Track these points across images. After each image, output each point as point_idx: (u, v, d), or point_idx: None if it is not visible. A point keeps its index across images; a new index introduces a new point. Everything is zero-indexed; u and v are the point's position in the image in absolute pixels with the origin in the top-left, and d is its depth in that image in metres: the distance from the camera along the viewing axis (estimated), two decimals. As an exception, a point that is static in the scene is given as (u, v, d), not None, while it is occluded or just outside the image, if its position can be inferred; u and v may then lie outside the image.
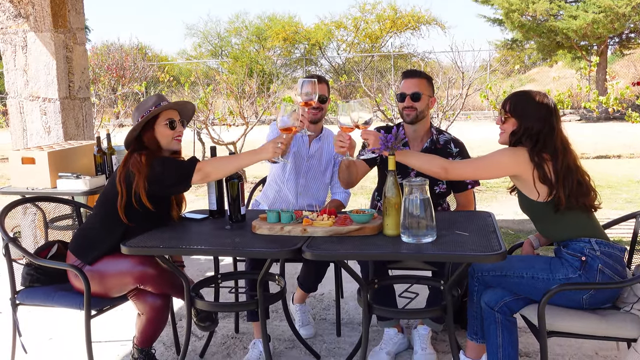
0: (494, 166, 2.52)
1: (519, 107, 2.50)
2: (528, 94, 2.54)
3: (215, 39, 32.12)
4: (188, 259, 4.84)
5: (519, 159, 2.44)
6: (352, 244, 2.32)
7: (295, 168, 3.39)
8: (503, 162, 2.50)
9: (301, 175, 3.40)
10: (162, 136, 2.75)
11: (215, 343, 3.29)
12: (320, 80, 3.27)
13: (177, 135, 2.79)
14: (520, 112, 2.49)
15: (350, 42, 29.34)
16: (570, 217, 2.45)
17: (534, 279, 2.42)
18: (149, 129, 2.74)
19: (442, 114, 9.03)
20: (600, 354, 3.02)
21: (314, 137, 3.43)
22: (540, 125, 2.44)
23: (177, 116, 2.81)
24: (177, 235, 2.58)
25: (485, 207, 6.64)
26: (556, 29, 19.13)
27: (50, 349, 3.30)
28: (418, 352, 2.98)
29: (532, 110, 2.47)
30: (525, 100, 2.51)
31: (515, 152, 2.47)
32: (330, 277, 3.49)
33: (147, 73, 21.51)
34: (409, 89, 3.07)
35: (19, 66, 4.73)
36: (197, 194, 8.40)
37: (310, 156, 3.42)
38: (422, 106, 3.07)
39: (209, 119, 10.09)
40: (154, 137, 2.74)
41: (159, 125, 2.75)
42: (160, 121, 2.75)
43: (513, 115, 2.51)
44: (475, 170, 2.65)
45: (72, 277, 2.76)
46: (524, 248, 2.84)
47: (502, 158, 2.50)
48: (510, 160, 2.48)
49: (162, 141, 2.76)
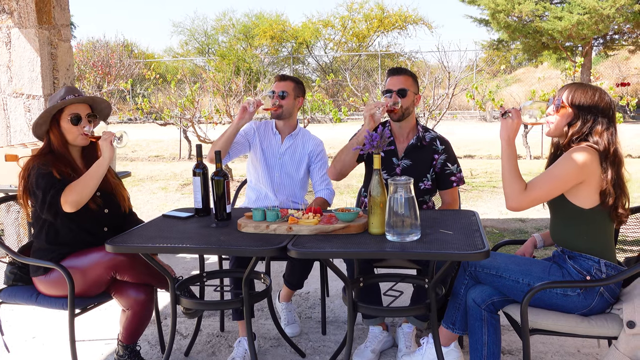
0: (566, 178, 2.30)
1: (580, 99, 2.37)
2: (586, 86, 2.41)
3: (202, 37, 32.02)
4: (173, 258, 4.83)
5: (592, 165, 2.30)
6: (338, 243, 2.33)
7: (267, 164, 3.47)
8: (574, 172, 2.29)
9: (275, 171, 3.47)
10: (66, 132, 2.72)
11: (201, 342, 3.28)
12: (283, 77, 3.53)
13: (82, 131, 2.73)
14: (580, 104, 2.36)
15: (338, 41, 29.39)
16: (596, 228, 2.38)
17: (529, 286, 2.39)
18: (54, 124, 2.71)
19: (429, 113, 9.08)
20: (582, 351, 3.05)
21: (287, 133, 3.49)
22: (601, 121, 2.34)
23: (85, 110, 2.76)
24: (163, 234, 2.57)
25: (470, 206, 6.69)
26: (541, 29, 19.29)
27: (33, 348, 3.27)
28: (402, 349, 3.00)
29: (593, 102, 2.36)
30: (584, 93, 2.38)
31: (585, 157, 2.29)
32: (315, 275, 3.50)
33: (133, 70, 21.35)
34: (395, 85, 3.09)
35: (3, 62, 4.68)
36: (182, 192, 8.36)
37: (283, 153, 3.48)
38: (408, 102, 3.10)
39: (196, 117, 10.05)
40: (59, 132, 2.71)
41: (63, 120, 2.71)
42: (65, 116, 2.70)
43: (572, 105, 2.38)
44: (549, 187, 2.33)
45: (38, 284, 2.74)
46: (525, 246, 2.81)
47: (573, 168, 2.29)
48: (582, 167, 2.29)
49: (68, 137, 2.73)
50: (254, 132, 3.50)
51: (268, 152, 3.48)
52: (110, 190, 2.83)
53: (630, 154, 10.85)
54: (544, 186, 2.33)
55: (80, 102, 2.75)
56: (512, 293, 2.47)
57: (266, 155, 3.47)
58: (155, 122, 12.16)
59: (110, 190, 2.84)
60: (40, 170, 2.62)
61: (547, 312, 2.39)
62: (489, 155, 11.85)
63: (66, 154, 2.74)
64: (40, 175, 2.61)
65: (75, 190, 2.59)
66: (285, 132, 3.50)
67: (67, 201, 2.57)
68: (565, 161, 2.32)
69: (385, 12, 28.47)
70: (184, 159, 12.32)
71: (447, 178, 3.15)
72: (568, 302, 2.38)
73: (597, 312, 2.40)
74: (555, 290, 2.38)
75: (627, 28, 19.81)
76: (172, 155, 12.94)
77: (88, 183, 2.62)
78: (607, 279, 2.34)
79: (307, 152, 3.50)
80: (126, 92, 21.47)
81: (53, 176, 2.61)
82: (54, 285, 2.68)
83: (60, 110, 2.70)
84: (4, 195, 3.14)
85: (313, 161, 3.50)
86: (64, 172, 2.65)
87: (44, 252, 2.69)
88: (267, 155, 3.47)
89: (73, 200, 2.57)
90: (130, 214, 2.95)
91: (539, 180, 2.35)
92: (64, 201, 2.57)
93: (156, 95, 15.74)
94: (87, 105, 2.78)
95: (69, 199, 2.57)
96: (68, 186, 2.60)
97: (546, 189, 2.33)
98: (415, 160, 3.15)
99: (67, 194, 2.58)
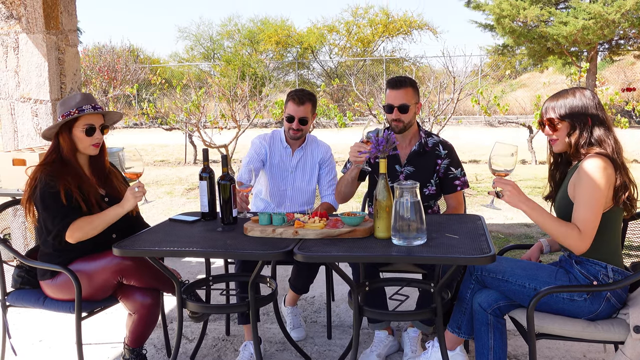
0: (600, 196, 2.29)
1: (564, 108, 2.40)
2: (563, 94, 2.43)
3: (208, 42, 32.11)
4: (178, 262, 4.84)
5: (610, 171, 2.30)
6: (343, 247, 2.34)
7: (279, 180, 3.46)
8: (604, 186, 2.29)
9: (287, 187, 3.47)
10: (78, 140, 2.73)
11: (206, 345, 3.29)
12: (301, 100, 3.32)
13: (94, 142, 2.75)
14: (566, 113, 2.39)
15: (343, 46, 29.41)
16: (603, 233, 2.36)
17: (536, 291, 2.38)
18: (66, 130, 2.71)
19: (434, 118, 9.08)
20: (588, 356, 3.05)
21: (297, 146, 3.48)
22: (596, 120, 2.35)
23: (99, 121, 2.76)
24: (169, 238, 2.58)
25: (475, 210, 6.68)
26: (547, 34, 19.26)
27: (40, 351, 3.29)
28: (408, 354, 2.99)
29: (579, 105, 2.37)
30: (565, 99, 2.41)
31: (602, 167, 2.29)
32: (321, 279, 3.50)
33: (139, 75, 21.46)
34: (396, 100, 3.08)
35: (11, 67, 4.71)
36: (188, 196, 8.39)
37: (294, 167, 3.46)
38: (410, 117, 3.11)
39: (201, 121, 10.09)
40: (70, 138, 2.71)
41: (76, 129, 2.71)
42: (79, 125, 2.70)
43: (562, 118, 2.40)
44: (595, 213, 2.30)
45: (45, 287, 2.76)
46: (532, 250, 2.81)
47: (601, 184, 2.28)
48: (607, 178, 2.29)
49: (79, 145, 2.73)
50: (265, 151, 3.45)
51: (279, 168, 3.45)
52: (118, 196, 2.84)
53: (637, 159, 10.80)
54: (592, 217, 2.29)
55: (95, 114, 2.74)
56: (518, 298, 2.47)
57: (277, 170, 3.45)
58: (160, 126, 12.19)
59: (118, 195, 2.84)
60: (47, 187, 2.62)
61: (553, 317, 2.39)
62: (494, 160, 11.80)
63: (74, 162, 2.74)
64: (47, 194, 2.62)
65: (84, 230, 2.62)
66: (295, 145, 3.48)
67: (72, 236, 2.62)
68: (590, 182, 2.29)
69: (390, 18, 28.49)
70: (190, 164, 12.35)
71: (451, 182, 3.16)
72: (575, 307, 2.38)
73: (604, 317, 2.39)
74: (562, 295, 2.37)
75: (632, 33, 19.75)
76: (178, 160, 12.97)
77: (97, 227, 2.64)
78: (614, 284, 2.34)
79: (317, 161, 3.49)
80: (132, 97, 21.57)
81: (59, 200, 2.61)
82: (61, 289, 2.70)
83: (74, 119, 2.70)
84: (11, 199, 3.15)
85: (322, 167, 3.50)
86: (71, 190, 2.64)
87: (52, 256, 2.71)
88: (279, 170, 3.45)
89: (79, 237, 2.62)
90: (137, 217, 2.96)
91: (583, 213, 2.30)
92: (70, 235, 2.61)
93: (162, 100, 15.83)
94: (101, 116, 2.78)
95: (75, 235, 2.62)
96: (76, 223, 2.61)
97: (594, 218, 2.30)
98: (418, 166, 3.16)
99: (74, 231, 2.61)
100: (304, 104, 3.33)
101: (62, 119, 2.69)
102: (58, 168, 2.68)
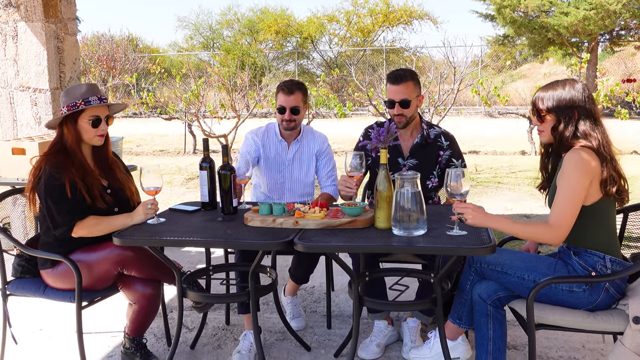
0: (579, 188, 2.29)
1: (551, 101, 2.40)
2: (553, 85, 2.44)
3: (207, 32, 31.99)
4: (178, 252, 4.85)
5: (594, 163, 2.31)
6: (344, 237, 2.34)
7: (276, 174, 3.45)
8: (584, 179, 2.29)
9: (285, 179, 3.46)
10: (83, 130, 2.71)
11: (206, 335, 3.30)
12: (290, 90, 3.30)
13: (100, 133, 2.74)
14: (553, 105, 2.39)
15: (343, 36, 29.30)
16: (600, 223, 2.38)
17: (535, 283, 2.39)
18: (71, 120, 2.69)
19: (434, 109, 9.07)
20: (587, 346, 3.06)
21: (293, 139, 3.46)
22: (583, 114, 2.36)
23: (104, 112, 2.75)
24: (169, 227, 2.58)
25: (475, 201, 6.68)
26: (547, 25, 19.21)
27: (40, 340, 3.30)
28: (407, 344, 3.00)
29: (568, 98, 2.38)
30: (554, 91, 2.41)
31: (585, 159, 2.30)
32: (321, 269, 3.51)
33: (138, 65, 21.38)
34: (397, 95, 3.07)
35: (9, 56, 4.69)
36: (187, 186, 8.38)
37: (291, 160, 3.45)
38: (412, 111, 3.10)
39: (201, 111, 10.07)
40: (75, 129, 2.70)
41: (82, 120, 2.69)
42: (84, 116, 2.69)
43: (549, 111, 2.40)
44: (572, 205, 2.30)
45: (45, 277, 2.76)
46: (531, 242, 2.83)
47: (580, 176, 2.29)
48: (587, 171, 2.30)
49: (84, 136, 2.72)
50: (257, 147, 3.42)
51: (276, 162, 3.44)
52: (119, 186, 2.83)
53: (636, 150, 10.80)
54: (567, 209, 2.30)
55: (101, 106, 2.72)
56: (517, 289, 2.48)
57: (274, 165, 3.44)
58: (160, 116, 12.18)
59: (120, 186, 2.84)
60: (52, 180, 2.61)
61: (552, 308, 2.40)
62: (493, 151, 11.82)
63: (78, 152, 2.72)
64: (51, 186, 2.61)
65: (89, 230, 2.65)
66: (290, 138, 3.45)
67: (77, 232, 2.65)
68: (569, 174, 2.30)
69: (391, 7, 28.37)
70: (189, 154, 12.33)
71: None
72: (574, 298, 2.38)
73: (603, 307, 2.40)
74: (561, 287, 2.38)
75: (633, 24, 19.71)
76: (177, 149, 12.95)
77: (102, 230, 2.66)
78: (612, 275, 2.34)
79: (313, 152, 3.48)
80: (131, 86, 21.49)
81: (65, 193, 2.61)
82: (62, 278, 2.70)
83: (80, 110, 2.68)
84: (11, 188, 3.15)
85: (319, 158, 3.49)
86: (75, 182, 2.63)
87: (52, 246, 2.71)
88: (275, 164, 3.44)
89: (82, 234, 2.66)
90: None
91: (558, 205, 2.31)
92: (75, 232, 2.64)
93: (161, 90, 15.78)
94: (106, 107, 2.77)
95: (80, 232, 2.65)
96: (85, 222, 2.64)
97: (570, 211, 2.30)
98: (421, 159, 3.15)
99: (81, 229, 2.64)
100: (293, 93, 3.30)
101: (66, 109, 2.66)
102: (62, 159, 2.67)
